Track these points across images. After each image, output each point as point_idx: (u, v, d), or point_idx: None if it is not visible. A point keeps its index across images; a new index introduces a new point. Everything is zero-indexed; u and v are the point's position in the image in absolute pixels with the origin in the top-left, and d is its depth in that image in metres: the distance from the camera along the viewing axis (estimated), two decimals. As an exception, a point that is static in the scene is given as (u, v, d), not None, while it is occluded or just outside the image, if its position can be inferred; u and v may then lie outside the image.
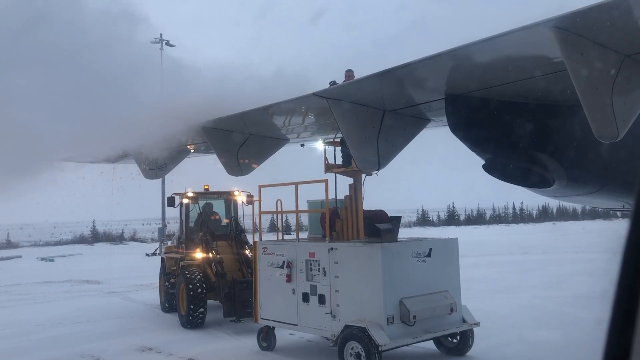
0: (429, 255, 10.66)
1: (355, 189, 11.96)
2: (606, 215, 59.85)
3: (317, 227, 12.76)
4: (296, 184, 12.07)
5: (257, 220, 13.88)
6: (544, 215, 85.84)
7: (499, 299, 17.61)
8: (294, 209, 12.37)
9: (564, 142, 8.99)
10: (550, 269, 25.10)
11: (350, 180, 12.09)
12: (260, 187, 12.93)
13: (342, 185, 12.26)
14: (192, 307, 14.87)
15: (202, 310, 15.01)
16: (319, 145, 12.90)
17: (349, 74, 11.16)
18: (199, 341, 13.59)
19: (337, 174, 12.28)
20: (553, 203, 78.55)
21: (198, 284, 15.09)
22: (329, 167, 12.15)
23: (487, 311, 11.63)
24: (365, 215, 11.88)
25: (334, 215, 11.86)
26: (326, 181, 11.48)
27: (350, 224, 11.75)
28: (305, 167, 15.27)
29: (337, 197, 12.34)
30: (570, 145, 8.88)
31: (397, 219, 11.73)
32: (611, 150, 7.92)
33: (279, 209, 12.82)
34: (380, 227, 10.70)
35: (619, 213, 16.79)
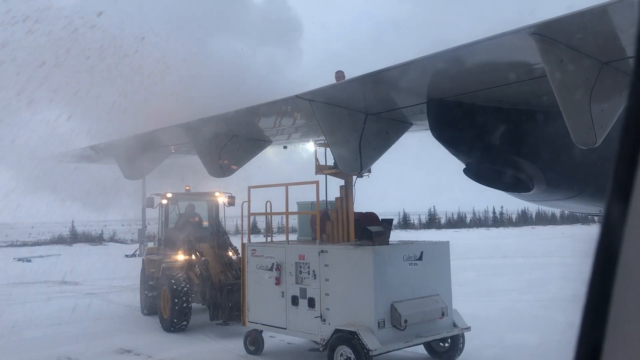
0: (420, 258, 10.57)
1: (346, 191, 11.85)
2: (584, 220, 60.59)
3: (307, 229, 12.60)
4: (286, 185, 11.93)
5: (246, 222, 13.70)
6: (524, 219, 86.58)
7: (478, 302, 17.73)
8: (283, 210, 12.20)
9: (543, 147, 9.12)
10: (528, 273, 25.37)
11: (341, 182, 11.98)
12: (249, 188, 12.78)
13: (332, 187, 12.18)
14: (176, 310, 14.60)
15: (186, 313, 14.75)
16: (310, 146, 12.82)
17: (340, 74, 11.13)
18: (179, 344, 13.47)
19: (327, 176, 12.13)
20: (532, 207, 79.44)
21: (183, 287, 14.83)
22: (319, 169, 12.03)
23: (466, 314, 11.72)
24: (356, 218, 11.76)
25: (325, 217, 11.73)
26: (317, 183, 11.38)
27: (341, 226, 11.65)
28: (291, 169, 15.23)
29: (328, 199, 12.21)
30: (550, 150, 9.02)
31: (389, 222, 11.57)
32: (589, 156, 8.05)
33: (269, 211, 12.68)
34: (371, 230, 10.56)
35: (596, 218, 17.03)
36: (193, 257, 15.76)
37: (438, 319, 10.53)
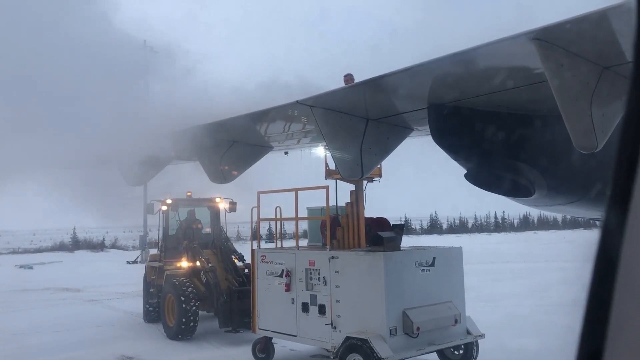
0: (432, 264, 10.41)
1: (357, 196, 11.69)
2: (586, 224, 60.49)
3: (317, 234, 12.43)
4: (296, 190, 11.78)
5: (255, 227, 13.57)
6: (525, 224, 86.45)
7: (480, 307, 17.69)
8: (292, 216, 12.09)
9: (544, 152, 9.12)
10: (529, 278, 25.34)
11: (351, 187, 11.82)
12: (259, 193, 12.68)
13: (343, 192, 11.98)
14: (183, 318, 14.40)
15: (194, 321, 14.58)
16: (320, 151, 12.70)
17: (348, 78, 11.07)
18: (182, 350, 13.44)
19: (337, 180, 11.87)
20: (534, 212, 79.30)
21: (191, 295, 14.67)
22: (329, 173, 11.85)
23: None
24: (366, 223, 11.59)
25: (335, 222, 11.55)
26: (327, 187, 11.25)
27: (352, 231, 11.50)
28: (295, 175, 15.15)
29: (338, 204, 12.01)
30: (551, 155, 9.02)
31: (400, 227, 11.45)
32: (590, 160, 8.05)
33: (278, 216, 12.55)
34: (382, 235, 10.40)
35: (598, 223, 16.99)
36: (198, 263, 15.64)
37: (451, 326, 10.35)
